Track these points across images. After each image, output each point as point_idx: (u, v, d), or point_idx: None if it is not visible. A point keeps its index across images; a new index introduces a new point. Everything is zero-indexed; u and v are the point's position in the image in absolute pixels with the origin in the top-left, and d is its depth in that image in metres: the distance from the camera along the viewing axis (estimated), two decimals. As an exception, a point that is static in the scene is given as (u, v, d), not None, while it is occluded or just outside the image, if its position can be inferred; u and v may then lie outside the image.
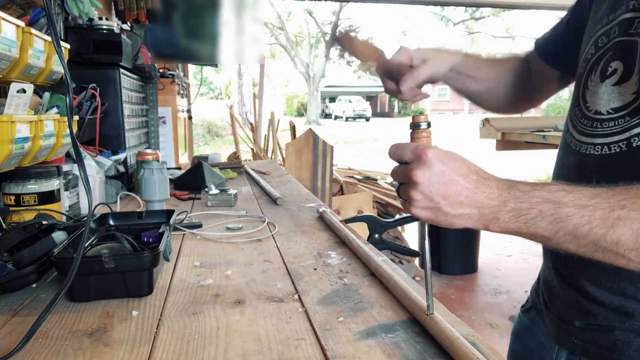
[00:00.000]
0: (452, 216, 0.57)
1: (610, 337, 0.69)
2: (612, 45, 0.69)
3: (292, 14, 26.52)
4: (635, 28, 0.66)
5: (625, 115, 0.65)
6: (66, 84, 0.68)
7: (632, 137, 0.64)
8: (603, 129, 0.68)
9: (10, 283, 0.80)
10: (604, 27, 0.71)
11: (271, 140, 5.31)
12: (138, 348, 0.63)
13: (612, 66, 0.68)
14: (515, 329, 0.94)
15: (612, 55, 0.68)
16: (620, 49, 0.67)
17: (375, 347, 0.63)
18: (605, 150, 0.67)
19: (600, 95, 0.69)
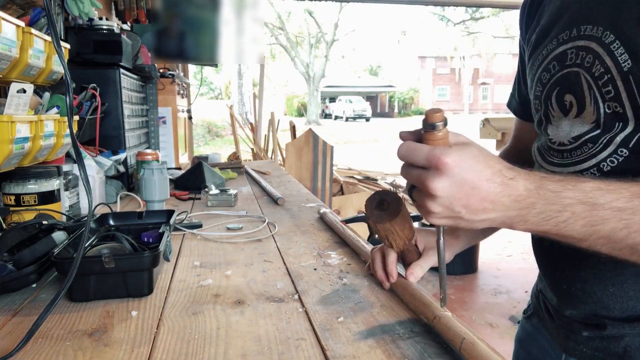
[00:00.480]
0: (474, 222, 0.54)
1: (621, 344, 0.67)
2: (555, 80, 0.70)
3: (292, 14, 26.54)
4: (570, 60, 0.67)
5: (587, 141, 0.65)
6: (66, 84, 0.68)
7: (600, 162, 0.64)
8: (572, 157, 0.68)
9: (10, 283, 0.80)
10: (542, 64, 0.72)
11: (271, 140, 5.31)
12: (138, 348, 0.63)
13: (567, 100, 0.68)
14: (518, 336, 0.93)
15: (561, 90, 0.69)
16: (564, 82, 0.68)
17: (375, 347, 0.63)
18: None
19: (563, 127, 0.69)
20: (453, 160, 0.51)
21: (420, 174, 0.53)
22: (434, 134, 0.54)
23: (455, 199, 0.52)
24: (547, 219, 0.53)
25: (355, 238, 1.08)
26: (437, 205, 0.53)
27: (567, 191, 0.53)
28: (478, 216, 0.53)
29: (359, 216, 1.19)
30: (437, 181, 0.51)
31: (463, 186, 0.52)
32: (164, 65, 3.54)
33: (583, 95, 0.65)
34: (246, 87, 15.21)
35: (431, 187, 0.52)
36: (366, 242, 1.10)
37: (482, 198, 0.52)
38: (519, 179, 0.53)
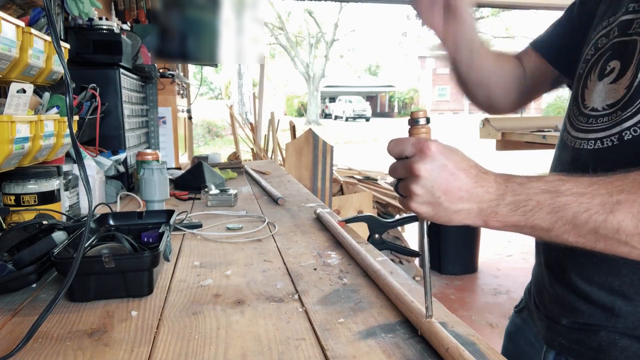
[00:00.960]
0: (451, 212, 0.57)
1: (596, 337, 0.69)
2: (610, 46, 0.70)
3: (292, 14, 26.53)
4: (634, 28, 0.67)
5: (617, 109, 0.66)
6: (66, 84, 0.68)
7: (623, 130, 0.65)
8: (597, 124, 0.69)
9: (10, 283, 0.80)
10: (604, 29, 0.73)
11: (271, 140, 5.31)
12: (138, 348, 0.63)
13: (610, 65, 0.69)
14: (508, 329, 0.95)
15: (611, 55, 0.70)
16: (619, 48, 0.68)
17: (375, 347, 0.63)
18: (599, 145, 0.68)
19: (598, 93, 0.70)
20: (436, 146, 0.56)
21: (406, 162, 0.58)
22: (417, 128, 0.62)
23: (436, 183, 0.56)
24: (516, 209, 0.55)
25: (351, 239, 1.08)
26: (420, 187, 0.56)
27: (532, 182, 0.56)
28: (455, 205, 0.56)
29: (359, 216, 1.19)
30: (421, 162, 0.56)
31: (443, 171, 0.56)
32: (164, 65, 3.54)
33: (630, 62, 0.66)
34: (246, 87, 15.20)
35: (415, 168, 0.56)
36: (365, 242, 1.10)
37: (459, 187, 0.56)
38: (491, 174, 0.58)
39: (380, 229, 1.15)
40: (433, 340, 0.61)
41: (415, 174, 0.56)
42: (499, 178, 0.57)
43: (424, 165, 0.56)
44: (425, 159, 0.56)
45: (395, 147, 0.60)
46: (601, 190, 0.54)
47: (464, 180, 0.56)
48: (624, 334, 0.67)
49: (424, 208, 0.58)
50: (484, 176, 0.57)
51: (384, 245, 1.13)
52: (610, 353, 0.68)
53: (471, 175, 0.57)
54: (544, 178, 0.57)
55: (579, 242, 0.56)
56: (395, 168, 0.60)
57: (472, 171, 0.57)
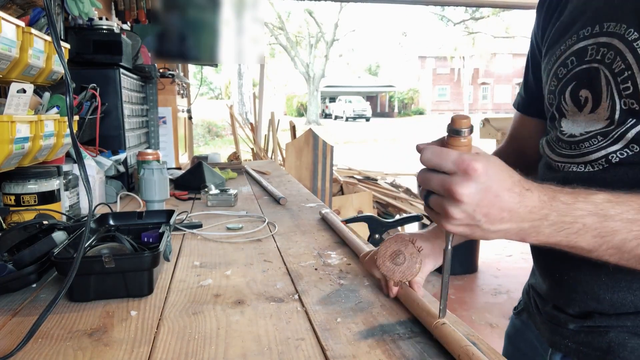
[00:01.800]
0: (490, 232, 0.54)
1: (605, 338, 0.68)
2: (573, 75, 0.70)
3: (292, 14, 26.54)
4: (590, 55, 0.67)
5: (597, 134, 0.66)
6: (66, 84, 0.68)
7: (609, 154, 0.65)
8: (580, 149, 0.69)
9: (10, 283, 0.80)
10: (560, 59, 0.73)
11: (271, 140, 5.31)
12: (138, 348, 0.63)
13: (582, 95, 0.69)
14: (508, 331, 0.94)
15: (577, 85, 0.70)
16: (582, 77, 0.69)
17: (375, 347, 0.63)
18: (588, 168, 0.68)
19: (578, 122, 0.70)
20: (483, 166, 0.51)
21: (444, 179, 0.52)
22: (459, 139, 0.54)
23: (478, 206, 0.52)
24: (559, 230, 0.53)
25: (355, 240, 1.08)
26: (460, 212, 0.52)
27: (579, 203, 0.54)
28: (495, 226, 0.53)
29: (359, 216, 1.19)
30: (465, 186, 0.51)
31: (488, 194, 0.51)
32: (164, 65, 3.54)
33: (600, 91, 0.66)
34: (246, 87, 15.20)
35: (458, 192, 0.51)
36: (366, 242, 1.10)
37: (502, 208, 0.52)
38: (535, 191, 0.54)
39: (381, 229, 1.15)
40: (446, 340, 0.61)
41: (456, 198, 0.52)
42: (543, 196, 0.54)
43: (467, 189, 0.51)
44: (469, 181, 0.51)
45: (433, 159, 0.54)
46: None
47: (507, 201, 0.52)
48: (634, 333, 0.66)
49: (460, 229, 0.54)
50: (527, 194, 0.53)
51: (384, 245, 1.13)
52: (619, 354, 0.67)
53: (514, 194, 0.52)
54: (592, 197, 0.54)
55: (619, 263, 0.55)
56: (429, 180, 0.54)
57: (516, 189, 0.53)
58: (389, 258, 0.70)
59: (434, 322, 0.65)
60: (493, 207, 0.52)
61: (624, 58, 0.62)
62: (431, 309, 0.68)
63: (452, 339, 0.60)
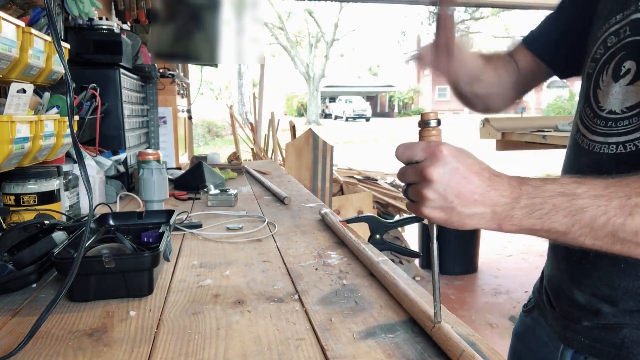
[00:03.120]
0: (465, 216, 0.55)
1: (619, 335, 0.68)
2: (623, 45, 0.68)
3: (292, 14, 26.53)
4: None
5: (638, 113, 0.65)
6: (67, 84, 0.68)
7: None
8: (617, 127, 0.67)
9: (10, 283, 0.80)
10: (613, 27, 0.71)
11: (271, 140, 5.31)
12: (138, 348, 0.63)
13: (625, 66, 0.67)
14: (516, 329, 0.94)
15: (625, 55, 0.68)
16: (633, 48, 0.67)
17: (375, 347, 0.63)
18: (621, 149, 0.67)
19: (614, 95, 0.68)
20: (448, 149, 0.55)
21: (416, 166, 0.56)
22: (428, 130, 0.59)
23: (449, 186, 0.54)
24: (531, 212, 0.54)
25: (355, 239, 1.08)
26: (432, 192, 0.55)
27: (547, 185, 0.55)
28: (469, 209, 0.55)
29: (360, 216, 1.19)
30: (433, 166, 0.54)
31: (456, 174, 0.54)
32: (164, 65, 3.54)
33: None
34: (246, 87, 15.20)
35: (427, 172, 0.55)
36: (366, 242, 1.10)
37: (473, 190, 0.55)
38: (503, 177, 0.56)
39: (381, 229, 1.15)
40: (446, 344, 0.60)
41: (427, 178, 0.55)
42: (512, 181, 0.56)
43: (435, 169, 0.54)
44: (437, 162, 0.55)
45: (405, 152, 0.58)
46: (619, 192, 0.53)
47: (477, 183, 0.55)
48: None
49: (436, 213, 0.56)
50: (497, 179, 0.56)
51: (384, 246, 1.13)
52: (633, 350, 0.67)
53: (484, 178, 0.55)
54: (559, 180, 0.55)
55: (595, 244, 0.55)
56: (405, 173, 0.58)
57: (485, 174, 0.55)
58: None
59: (432, 324, 0.64)
60: (463, 188, 0.54)
61: None
62: (429, 311, 0.68)
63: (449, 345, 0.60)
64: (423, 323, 0.67)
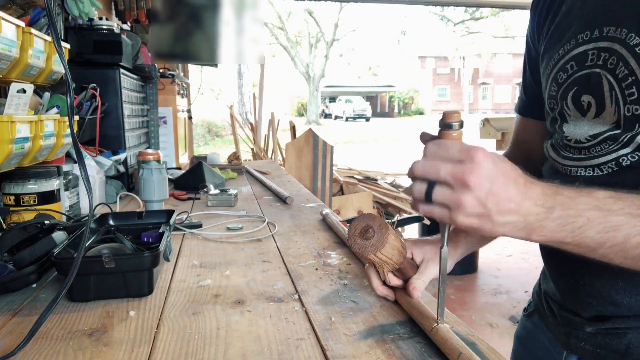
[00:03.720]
0: (498, 224, 0.52)
1: (624, 340, 0.67)
2: (573, 81, 0.70)
3: (292, 14, 26.53)
4: (591, 60, 0.67)
5: (607, 139, 0.66)
6: (67, 84, 0.68)
7: (619, 157, 0.64)
8: (589, 153, 0.68)
9: (10, 283, 0.80)
10: (559, 63, 0.73)
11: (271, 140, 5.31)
12: (138, 348, 0.63)
13: (584, 100, 0.69)
14: (517, 333, 0.93)
15: (578, 91, 0.69)
16: (583, 82, 0.69)
17: (375, 347, 0.63)
18: (597, 172, 0.68)
19: (581, 127, 0.70)
20: (485, 154, 0.52)
21: (454, 167, 0.52)
22: (449, 133, 0.55)
23: (490, 194, 0.51)
24: (564, 225, 0.52)
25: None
26: (472, 198, 0.51)
27: (582, 197, 0.53)
28: (504, 217, 0.52)
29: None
30: (474, 172, 0.51)
31: (496, 181, 0.51)
32: (164, 65, 3.54)
33: (603, 96, 0.65)
34: (246, 87, 15.20)
35: (470, 178, 0.50)
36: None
37: (509, 197, 0.52)
38: (538, 184, 0.54)
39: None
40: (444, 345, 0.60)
41: (466, 183, 0.51)
42: (547, 189, 0.53)
43: (476, 175, 0.50)
44: (478, 167, 0.51)
45: (439, 152, 0.53)
46: None
47: (514, 190, 0.52)
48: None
49: (470, 220, 0.52)
50: (532, 187, 0.53)
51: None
52: (638, 355, 0.66)
53: (520, 184, 0.52)
54: (594, 193, 0.54)
55: (623, 263, 0.54)
56: (438, 170, 0.53)
57: (521, 180, 0.53)
58: (359, 235, 0.68)
59: (431, 325, 0.64)
60: (501, 196, 0.51)
61: (627, 63, 0.62)
62: (429, 312, 0.68)
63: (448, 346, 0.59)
64: (422, 324, 0.67)
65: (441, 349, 0.61)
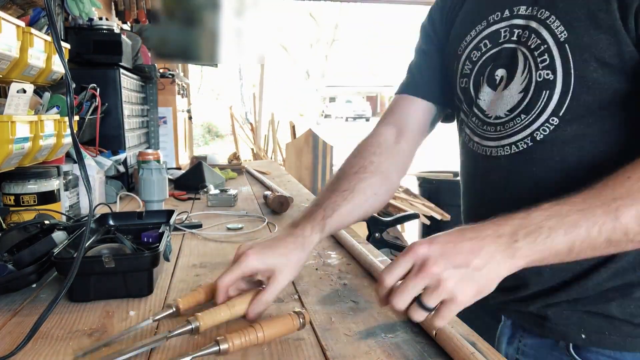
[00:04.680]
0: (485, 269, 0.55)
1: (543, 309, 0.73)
2: (489, 57, 0.74)
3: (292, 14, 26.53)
4: (504, 37, 0.72)
5: (520, 113, 0.70)
6: (67, 84, 0.68)
7: (533, 132, 0.69)
8: (506, 130, 0.72)
9: (10, 283, 0.80)
10: (471, 43, 0.77)
11: (271, 140, 5.31)
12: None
13: (498, 74, 0.73)
14: None
15: (494, 66, 0.73)
16: (498, 58, 0.73)
17: (375, 347, 0.63)
18: (514, 149, 0.71)
19: (495, 101, 0.73)
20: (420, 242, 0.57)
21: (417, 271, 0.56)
22: None
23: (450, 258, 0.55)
24: (534, 240, 0.55)
25: (353, 242, 1.08)
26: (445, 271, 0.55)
27: (532, 213, 0.57)
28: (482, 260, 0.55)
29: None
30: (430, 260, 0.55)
31: (445, 246, 0.56)
32: (164, 65, 3.54)
33: (516, 67, 0.70)
34: (246, 87, 15.20)
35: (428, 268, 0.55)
36: (366, 242, 1.10)
37: (470, 247, 0.56)
38: (486, 224, 0.58)
39: (380, 227, 1.15)
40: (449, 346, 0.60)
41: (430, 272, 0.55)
42: (496, 221, 0.57)
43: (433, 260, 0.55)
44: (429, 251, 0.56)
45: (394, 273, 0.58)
46: (596, 202, 0.55)
47: (468, 238, 0.56)
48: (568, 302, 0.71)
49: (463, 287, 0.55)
50: (481, 227, 0.57)
51: (383, 244, 1.14)
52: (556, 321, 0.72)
53: (469, 232, 0.57)
54: (539, 207, 0.57)
55: (595, 254, 0.57)
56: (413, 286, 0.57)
57: (467, 230, 0.57)
58: None
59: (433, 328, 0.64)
60: (460, 249, 0.56)
61: (539, 34, 0.67)
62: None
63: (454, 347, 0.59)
64: (424, 325, 0.66)
65: (446, 350, 0.60)
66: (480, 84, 0.76)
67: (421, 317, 0.58)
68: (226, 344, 0.58)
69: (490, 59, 0.74)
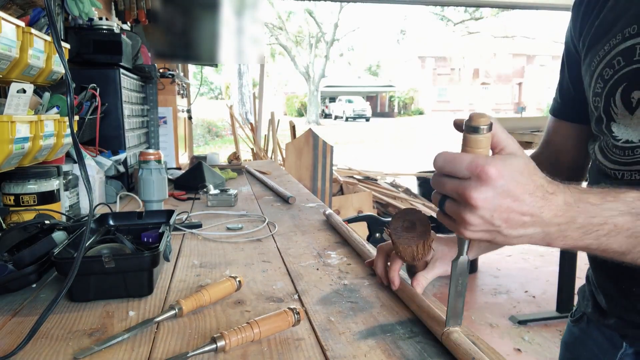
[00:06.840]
0: (512, 237, 0.51)
1: None
2: (621, 77, 0.67)
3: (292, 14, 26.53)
4: (639, 54, 0.64)
5: None
6: (67, 84, 0.68)
7: None
8: (636, 156, 0.66)
9: (10, 283, 0.80)
10: (604, 59, 0.70)
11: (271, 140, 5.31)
12: (138, 348, 0.63)
13: (634, 97, 0.65)
14: (564, 339, 0.92)
15: (628, 86, 0.66)
16: (633, 78, 0.65)
17: (375, 347, 0.63)
18: None
19: (631, 126, 0.67)
20: (497, 170, 0.48)
21: (459, 184, 0.50)
22: (475, 138, 0.51)
23: (496, 211, 0.49)
24: (588, 233, 0.51)
25: (359, 240, 1.08)
26: (477, 218, 0.49)
27: (608, 203, 0.51)
28: (517, 231, 0.50)
29: (359, 216, 1.19)
30: (479, 191, 0.48)
31: (505, 198, 0.49)
32: (164, 65, 3.54)
33: None
34: (246, 87, 15.20)
35: (472, 197, 0.48)
36: (367, 242, 1.10)
37: (523, 212, 0.49)
38: (559, 193, 0.51)
39: (380, 227, 1.15)
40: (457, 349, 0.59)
41: (471, 204, 0.49)
42: (569, 198, 0.51)
43: (480, 194, 0.48)
44: (483, 185, 0.48)
45: (446, 166, 0.51)
46: None
47: (528, 204, 0.49)
48: None
49: (479, 235, 0.51)
50: (551, 197, 0.50)
51: (383, 245, 1.13)
52: None
53: (536, 198, 0.49)
54: (621, 196, 0.52)
55: None
56: (443, 185, 0.51)
57: (539, 193, 0.49)
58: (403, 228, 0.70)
59: (440, 329, 0.63)
60: (512, 211, 0.49)
61: None
62: (436, 313, 0.67)
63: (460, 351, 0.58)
64: (430, 326, 0.66)
65: (453, 353, 0.60)
66: (611, 105, 0.69)
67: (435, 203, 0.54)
68: (223, 341, 0.59)
69: (623, 78, 0.67)
